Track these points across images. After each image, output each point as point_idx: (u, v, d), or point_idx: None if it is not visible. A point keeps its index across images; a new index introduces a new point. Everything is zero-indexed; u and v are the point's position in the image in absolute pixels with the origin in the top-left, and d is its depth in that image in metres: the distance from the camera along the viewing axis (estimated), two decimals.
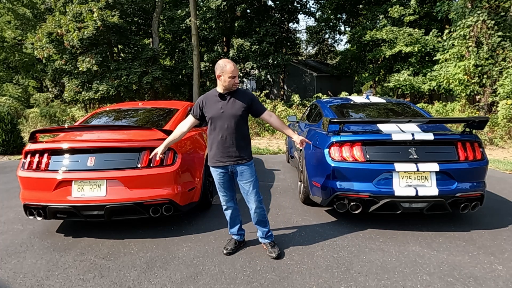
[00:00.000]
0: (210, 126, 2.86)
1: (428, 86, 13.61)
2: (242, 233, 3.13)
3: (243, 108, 2.81)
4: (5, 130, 8.87)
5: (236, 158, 2.83)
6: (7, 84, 24.26)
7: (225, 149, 2.81)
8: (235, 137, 2.80)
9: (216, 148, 2.84)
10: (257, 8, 18.98)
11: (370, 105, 4.67)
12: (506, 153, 8.22)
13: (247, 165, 2.87)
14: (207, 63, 18.17)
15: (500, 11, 10.58)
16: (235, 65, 2.76)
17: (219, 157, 2.84)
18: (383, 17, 16.54)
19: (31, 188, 3.30)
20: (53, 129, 4.09)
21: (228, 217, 3.06)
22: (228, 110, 2.78)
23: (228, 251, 3.00)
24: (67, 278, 2.67)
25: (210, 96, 2.87)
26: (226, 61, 2.75)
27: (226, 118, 2.78)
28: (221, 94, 2.82)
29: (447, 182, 3.25)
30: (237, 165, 2.84)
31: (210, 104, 2.84)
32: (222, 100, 2.81)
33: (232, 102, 2.80)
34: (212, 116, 2.81)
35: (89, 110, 18.09)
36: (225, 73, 2.71)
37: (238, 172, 2.87)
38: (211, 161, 2.90)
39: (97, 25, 14.25)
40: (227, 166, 2.85)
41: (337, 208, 3.43)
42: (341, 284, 2.52)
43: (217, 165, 2.86)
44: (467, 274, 2.63)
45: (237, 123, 2.80)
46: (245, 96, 2.87)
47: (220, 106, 2.80)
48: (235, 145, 2.81)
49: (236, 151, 2.81)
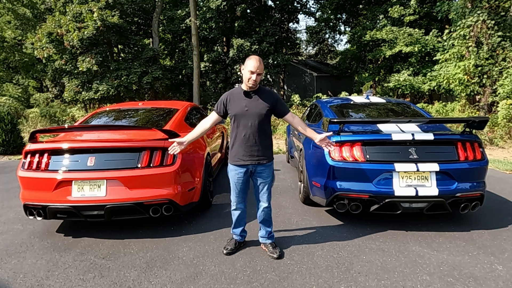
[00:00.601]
0: (233, 123, 2.81)
1: (428, 86, 13.61)
2: (244, 235, 3.11)
3: (267, 107, 2.78)
4: (5, 130, 8.88)
5: (258, 158, 2.80)
6: (7, 84, 24.26)
7: (248, 147, 2.77)
8: (259, 135, 2.77)
9: (239, 146, 2.79)
10: (257, 8, 18.97)
11: (370, 105, 4.67)
12: (506, 153, 8.22)
13: (267, 166, 2.86)
14: (207, 63, 18.17)
15: (500, 11, 10.58)
16: (258, 62, 2.68)
17: (241, 155, 2.79)
18: (383, 17, 16.53)
19: (31, 188, 3.30)
20: (53, 129, 4.09)
21: (235, 218, 3.02)
22: (253, 109, 2.75)
23: (228, 251, 2.99)
24: (67, 278, 2.67)
25: (235, 93, 2.83)
26: (252, 57, 2.72)
27: (250, 117, 2.74)
28: (246, 91, 2.78)
29: (447, 182, 3.25)
30: (258, 164, 2.81)
31: (234, 101, 2.80)
32: (247, 98, 2.78)
33: (257, 101, 2.77)
34: (236, 113, 2.77)
35: (89, 110, 18.10)
36: (245, 67, 2.70)
37: (258, 172, 2.85)
38: (233, 159, 2.85)
39: (97, 25, 14.26)
40: (248, 166, 2.81)
41: (337, 208, 3.43)
42: (341, 284, 2.52)
43: (239, 163, 2.81)
44: (467, 274, 2.63)
45: (261, 122, 2.77)
46: (271, 95, 2.85)
47: (245, 104, 2.76)
48: (258, 144, 2.78)
49: (259, 150, 2.79)
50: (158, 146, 3.31)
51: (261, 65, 2.69)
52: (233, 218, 3.04)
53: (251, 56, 2.73)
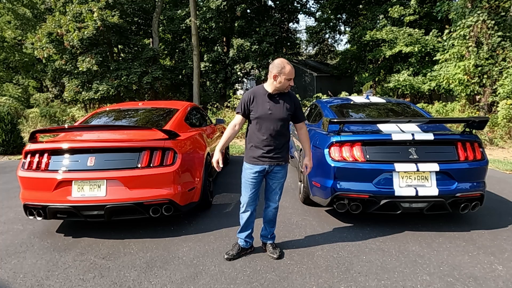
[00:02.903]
0: (255, 125, 2.75)
1: (428, 86, 13.60)
2: (249, 241, 3.00)
3: (289, 112, 2.75)
4: (5, 130, 8.87)
5: (276, 159, 2.78)
6: (7, 84, 24.24)
7: (268, 150, 2.74)
8: (279, 138, 2.75)
9: (259, 148, 2.75)
10: (257, 8, 18.96)
11: (370, 105, 4.67)
12: (506, 153, 8.21)
13: (284, 166, 2.85)
14: (207, 63, 18.16)
15: (500, 11, 10.57)
16: (293, 67, 2.67)
17: (259, 156, 2.75)
18: (383, 17, 16.52)
19: (31, 188, 3.30)
20: (53, 129, 4.09)
21: (244, 221, 2.91)
22: (277, 112, 2.71)
23: (229, 256, 2.91)
24: (67, 278, 2.67)
25: (259, 94, 2.75)
26: (285, 62, 2.64)
27: (274, 120, 2.70)
28: (270, 94, 2.72)
29: (447, 182, 3.25)
30: (275, 165, 2.80)
31: (258, 102, 2.73)
32: (271, 101, 2.72)
33: (281, 104, 2.73)
34: (260, 116, 2.71)
35: (89, 110, 18.09)
36: (283, 75, 2.62)
37: (274, 172, 2.82)
38: (250, 159, 2.80)
39: (97, 25, 14.25)
40: (265, 166, 2.78)
41: (337, 208, 3.43)
42: (341, 284, 2.52)
43: (256, 163, 2.77)
44: (467, 274, 2.63)
45: (283, 126, 2.75)
46: (293, 100, 2.81)
47: (269, 107, 2.70)
48: (278, 147, 2.76)
49: (278, 152, 2.77)
50: (158, 146, 3.31)
51: (293, 69, 2.68)
52: (240, 222, 2.94)
53: (283, 61, 2.64)
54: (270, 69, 2.67)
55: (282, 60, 2.67)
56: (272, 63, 2.68)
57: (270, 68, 2.67)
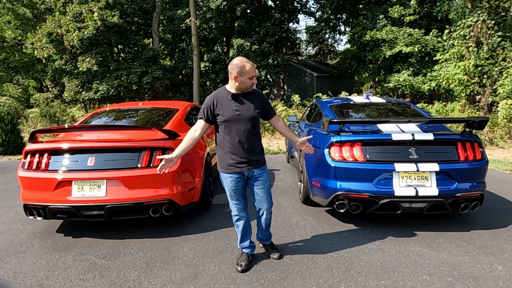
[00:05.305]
0: (224, 129, 2.60)
1: (428, 86, 13.60)
2: (253, 245, 2.91)
3: (257, 110, 2.64)
4: (5, 130, 8.88)
5: (254, 162, 2.66)
6: (7, 84, 24.25)
7: (242, 154, 2.61)
8: (252, 140, 2.64)
9: (232, 154, 2.61)
10: (257, 8, 18.97)
11: (370, 105, 4.67)
12: (506, 153, 8.22)
13: (263, 169, 2.73)
14: (207, 63, 18.17)
15: (500, 11, 10.58)
16: (253, 64, 2.55)
17: (235, 162, 2.61)
18: (383, 17, 16.52)
19: (31, 188, 3.31)
20: (53, 129, 4.09)
21: (240, 229, 2.80)
22: (245, 113, 2.58)
23: (243, 267, 2.73)
24: (67, 278, 2.67)
25: (221, 97, 2.61)
26: (244, 60, 2.53)
27: (243, 121, 2.58)
28: (234, 94, 2.59)
29: (447, 182, 3.25)
30: (254, 169, 2.67)
31: (223, 105, 2.59)
32: (236, 102, 2.59)
33: (248, 104, 2.61)
34: (227, 119, 2.56)
35: (89, 110, 18.10)
36: (244, 74, 2.51)
37: (254, 177, 2.69)
38: (224, 167, 2.66)
39: (97, 25, 14.26)
40: (244, 172, 2.65)
41: (337, 208, 3.43)
42: (341, 284, 2.52)
43: (233, 171, 2.64)
44: (467, 274, 2.63)
45: (253, 126, 2.63)
46: (259, 97, 2.70)
47: (235, 108, 2.57)
48: (253, 149, 2.64)
49: (254, 155, 2.65)
50: (158, 146, 3.31)
51: (254, 66, 2.60)
52: (237, 231, 2.83)
53: (242, 60, 2.54)
54: (230, 70, 2.55)
55: (241, 59, 2.56)
56: (231, 63, 2.56)
57: (230, 69, 2.55)
